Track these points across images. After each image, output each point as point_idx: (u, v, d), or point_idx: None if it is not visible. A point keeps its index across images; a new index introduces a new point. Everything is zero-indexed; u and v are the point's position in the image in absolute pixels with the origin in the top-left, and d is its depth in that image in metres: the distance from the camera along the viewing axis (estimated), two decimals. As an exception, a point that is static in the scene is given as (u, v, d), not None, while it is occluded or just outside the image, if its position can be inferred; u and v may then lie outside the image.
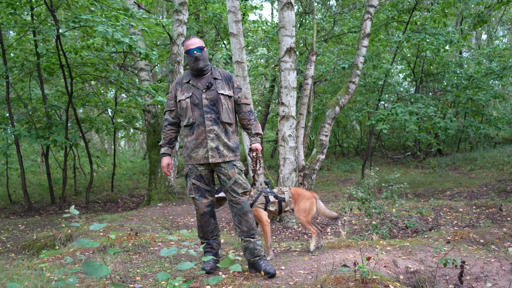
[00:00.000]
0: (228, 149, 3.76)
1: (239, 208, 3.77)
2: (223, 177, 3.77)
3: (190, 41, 3.78)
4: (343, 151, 21.44)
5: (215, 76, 3.82)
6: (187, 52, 3.77)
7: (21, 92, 11.76)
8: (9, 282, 3.06)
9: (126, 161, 20.35)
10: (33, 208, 9.67)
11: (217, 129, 3.72)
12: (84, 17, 7.62)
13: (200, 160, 3.74)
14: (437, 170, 13.63)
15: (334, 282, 3.36)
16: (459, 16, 18.00)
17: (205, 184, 3.83)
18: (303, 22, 15.38)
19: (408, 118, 10.20)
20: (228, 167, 3.76)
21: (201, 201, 3.83)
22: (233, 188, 3.75)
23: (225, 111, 3.75)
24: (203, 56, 3.76)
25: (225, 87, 3.81)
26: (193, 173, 3.80)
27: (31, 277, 3.76)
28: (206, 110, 3.71)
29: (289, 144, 7.01)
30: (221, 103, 3.74)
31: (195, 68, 3.77)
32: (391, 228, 6.06)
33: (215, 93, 3.75)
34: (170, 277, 1.81)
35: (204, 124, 3.70)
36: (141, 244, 4.92)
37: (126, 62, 13.15)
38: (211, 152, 3.70)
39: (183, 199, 9.96)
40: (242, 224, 3.78)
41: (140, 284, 3.54)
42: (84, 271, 1.59)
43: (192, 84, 3.79)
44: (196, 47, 3.74)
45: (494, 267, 3.92)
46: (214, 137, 3.71)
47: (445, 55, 15.69)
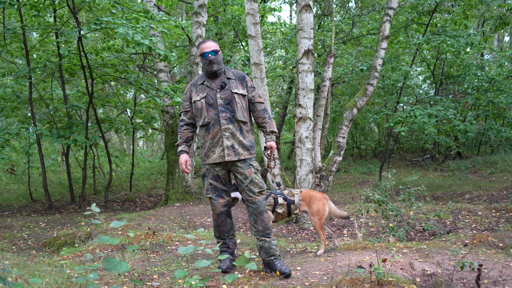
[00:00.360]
0: (243, 147, 3.80)
1: (254, 208, 3.81)
2: (239, 176, 3.81)
3: (205, 44, 3.87)
4: (361, 153, 21.31)
5: (228, 76, 3.89)
6: (202, 55, 3.85)
7: (43, 92, 12.00)
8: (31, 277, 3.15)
9: (144, 161, 20.58)
10: (54, 206, 9.86)
11: (232, 128, 3.77)
12: (105, 19, 7.76)
13: (217, 159, 3.78)
14: (456, 173, 13.46)
15: (350, 284, 3.36)
16: (481, 18, 17.74)
17: (222, 184, 3.88)
18: (321, 24, 15.36)
19: (427, 121, 10.11)
20: (245, 167, 3.80)
21: (218, 201, 3.88)
22: (249, 187, 3.79)
23: (239, 110, 3.80)
24: (217, 59, 3.83)
25: (239, 86, 3.87)
26: (210, 173, 3.86)
27: (52, 273, 3.85)
28: (221, 109, 3.77)
29: (306, 145, 7.02)
30: (235, 102, 3.80)
31: (209, 70, 3.84)
32: (408, 231, 6.02)
33: (229, 93, 3.81)
34: (187, 274, 1.85)
35: (220, 123, 3.76)
36: (159, 243, 4.99)
37: (145, 63, 13.32)
38: (227, 150, 3.75)
39: (200, 199, 10.04)
40: (258, 224, 3.82)
41: (157, 282, 3.59)
42: (104, 267, 1.64)
43: (207, 85, 3.86)
44: (211, 50, 3.82)
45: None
46: (230, 136, 3.76)
47: (466, 58, 15.47)
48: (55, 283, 3.40)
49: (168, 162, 10.23)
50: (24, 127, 9.47)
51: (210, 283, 3.51)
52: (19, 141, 13.67)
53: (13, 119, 12.68)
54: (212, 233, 5.79)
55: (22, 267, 4.19)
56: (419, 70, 19.62)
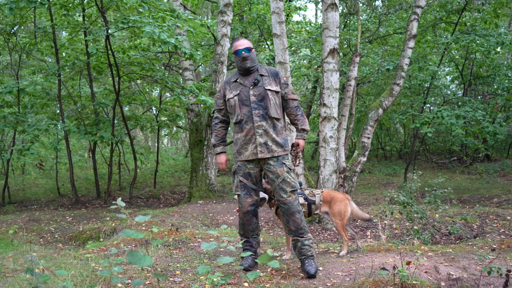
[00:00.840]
0: (276, 144, 3.78)
1: (286, 208, 3.79)
2: (271, 175, 3.78)
3: (239, 42, 3.88)
4: (386, 154, 21.04)
5: (261, 73, 3.87)
6: (235, 52, 3.86)
7: (71, 90, 12.26)
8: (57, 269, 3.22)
9: (169, 159, 20.81)
10: (80, 201, 10.07)
11: (266, 125, 3.76)
12: (132, 18, 7.87)
13: (249, 156, 3.78)
14: (484, 176, 13.14)
15: (372, 285, 3.32)
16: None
17: (252, 182, 3.85)
18: (347, 23, 15.22)
19: (455, 122, 9.89)
20: (277, 165, 3.77)
21: (246, 200, 3.85)
22: (281, 186, 3.76)
23: (273, 107, 3.79)
24: (251, 56, 3.84)
25: (272, 83, 3.85)
26: (241, 170, 3.84)
27: (77, 266, 3.93)
28: (254, 106, 3.76)
29: (330, 145, 6.97)
30: (268, 98, 3.78)
31: (243, 67, 3.84)
32: (433, 234, 5.91)
33: (262, 89, 3.80)
34: (210, 270, 1.86)
35: (253, 120, 3.75)
36: (182, 240, 5.03)
37: (171, 61, 13.45)
38: (260, 147, 3.74)
39: (223, 197, 10.09)
40: (290, 224, 3.80)
41: (179, 278, 3.63)
42: (129, 260, 1.66)
43: (240, 82, 3.87)
44: (244, 48, 3.83)
45: (543, 278, 3.75)
46: (263, 133, 3.75)
47: (496, 57, 15.09)
48: (80, 276, 3.47)
49: (192, 160, 10.31)
50: (53, 124, 9.69)
51: (232, 280, 3.52)
52: (47, 137, 14.03)
53: (43, 116, 13.01)
54: (235, 231, 5.81)
55: (49, 259, 4.30)
56: (447, 70, 19.25)
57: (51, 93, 10.27)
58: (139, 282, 1.93)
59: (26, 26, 12.84)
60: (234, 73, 4.00)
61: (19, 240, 5.92)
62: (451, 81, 20.02)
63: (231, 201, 9.42)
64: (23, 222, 7.46)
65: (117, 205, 1.83)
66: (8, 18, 10.51)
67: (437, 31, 15.29)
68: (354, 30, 13.70)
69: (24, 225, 7.18)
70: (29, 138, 8.92)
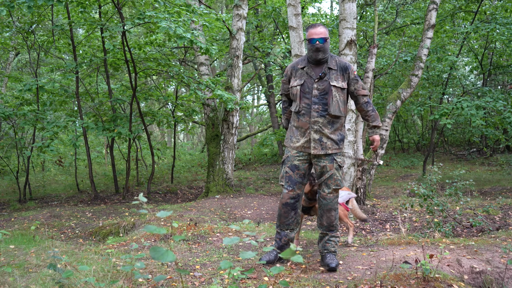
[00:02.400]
0: (332, 142, 3.67)
1: (324, 204, 3.74)
2: (319, 169, 3.70)
3: (315, 29, 3.66)
4: (403, 146, 20.81)
5: (330, 66, 3.69)
6: (309, 40, 3.65)
7: (89, 87, 12.37)
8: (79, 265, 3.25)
9: (185, 154, 20.91)
10: (99, 197, 10.18)
11: (323, 121, 3.63)
12: (148, 14, 7.88)
13: (299, 148, 3.70)
14: (505, 167, 12.90)
15: (394, 279, 3.28)
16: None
17: (298, 176, 3.74)
18: (363, 14, 15.03)
19: (475, 113, 9.72)
20: (328, 161, 3.67)
21: (287, 191, 3.74)
22: (326, 182, 3.69)
23: (335, 104, 3.63)
24: (325, 47, 3.64)
25: (339, 78, 3.68)
26: (289, 161, 3.74)
27: (98, 261, 3.97)
28: (315, 100, 3.62)
29: (348, 138, 6.91)
30: (331, 95, 3.62)
31: (314, 58, 3.67)
32: (454, 226, 5.83)
33: (327, 84, 3.64)
34: (232, 265, 1.85)
35: (310, 114, 3.63)
36: (200, 234, 5.04)
37: (186, 57, 13.48)
38: (313, 143, 3.64)
39: (240, 191, 10.10)
40: (323, 219, 3.76)
41: (199, 273, 3.63)
42: (152, 255, 1.66)
43: (306, 72, 3.71)
44: (320, 37, 3.62)
45: None
46: (318, 129, 3.63)
47: (517, 46, 14.76)
48: (101, 271, 3.50)
49: (209, 155, 10.33)
50: (71, 120, 9.80)
51: (252, 274, 3.51)
52: (66, 134, 14.21)
53: (61, 113, 13.17)
54: (253, 225, 5.81)
55: (71, 255, 4.35)
56: (466, 60, 18.91)
57: (69, 90, 10.38)
58: (161, 278, 1.94)
59: (44, 25, 12.97)
60: (302, 57, 3.84)
61: (41, 236, 6.01)
62: (470, 71, 19.66)
63: (248, 196, 9.43)
64: (44, 218, 7.57)
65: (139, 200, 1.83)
66: (26, 17, 10.64)
67: (456, 20, 15.01)
68: (371, 21, 13.52)
69: (45, 221, 7.29)
70: (48, 135, 9.03)
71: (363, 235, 5.93)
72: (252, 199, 8.89)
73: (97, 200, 9.95)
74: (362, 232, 6.18)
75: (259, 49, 14.43)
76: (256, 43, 14.12)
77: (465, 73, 19.69)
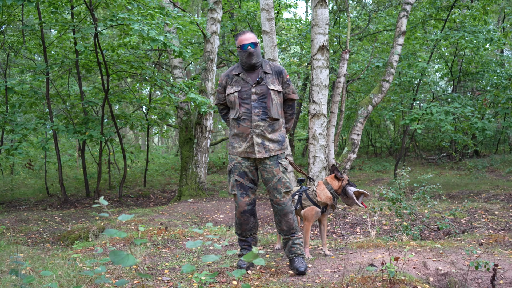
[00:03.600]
0: (274, 143, 3.70)
1: (279, 209, 3.74)
2: (266, 175, 3.72)
3: (245, 36, 3.70)
4: (376, 150, 21.13)
5: (265, 70, 3.73)
6: (240, 47, 3.69)
7: (60, 89, 12.15)
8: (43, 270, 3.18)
9: (159, 157, 20.72)
10: (69, 201, 9.99)
11: (264, 125, 3.66)
12: (121, 16, 7.80)
13: (243, 153, 3.70)
14: (473, 172, 13.25)
15: (361, 282, 3.33)
16: (501, 14, 17.40)
17: (249, 181, 3.76)
18: (337, 20, 15.24)
19: (444, 118, 9.96)
20: (273, 165, 3.70)
21: (242, 199, 3.75)
22: (276, 187, 3.70)
23: (274, 107, 3.68)
24: (257, 51, 3.68)
25: (275, 81, 3.73)
26: (237, 169, 3.74)
27: (65, 266, 3.90)
28: (255, 105, 3.65)
29: (319, 142, 6.98)
30: (270, 98, 3.67)
31: (248, 63, 3.69)
32: (422, 229, 5.95)
33: (265, 88, 3.67)
34: (194, 269, 1.84)
35: (251, 119, 3.65)
36: (171, 238, 5.01)
37: (160, 59, 13.38)
38: (257, 147, 3.65)
39: (213, 195, 10.07)
40: (282, 224, 3.76)
41: (168, 277, 3.60)
42: (112, 260, 1.64)
43: (242, 78, 3.73)
44: (251, 43, 3.66)
45: (530, 272, 3.79)
46: (260, 133, 3.65)
47: (485, 54, 15.19)
48: (67, 276, 3.43)
49: (182, 158, 10.27)
50: (41, 123, 9.59)
51: (220, 278, 3.51)
52: (36, 137, 13.90)
53: (31, 115, 12.88)
54: (224, 229, 5.80)
55: (36, 260, 4.25)
56: (436, 67, 19.36)
57: (39, 92, 10.16)
58: (123, 282, 1.91)
59: (14, 24, 12.69)
60: (236, 65, 3.85)
61: (6, 241, 5.85)
62: (441, 77, 20.14)
63: (221, 199, 9.41)
64: (10, 222, 7.38)
65: (100, 203, 1.81)
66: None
67: (427, 28, 15.38)
68: (344, 27, 13.71)
69: (11, 226, 7.10)
70: (18, 138, 8.82)
71: (333, 238, 5.99)
72: (225, 202, 8.87)
73: (67, 204, 9.76)
74: (333, 236, 6.24)
75: (234, 53, 14.45)
76: (231, 46, 14.13)
77: (435, 79, 20.17)
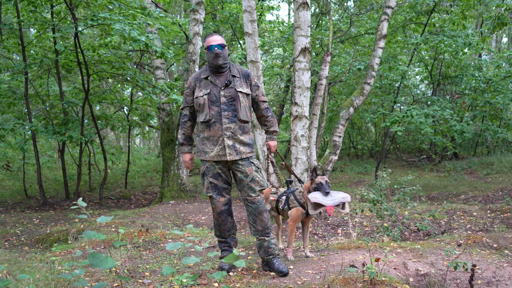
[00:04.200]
0: (244, 145, 3.73)
1: (254, 208, 3.74)
2: (239, 174, 3.74)
3: (212, 37, 3.77)
4: (357, 152, 21.33)
5: (233, 74, 3.78)
6: (207, 48, 3.74)
7: (39, 89, 11.95)
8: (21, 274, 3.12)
9: (141, 159, 20.54)
10: (48, 203, 9.82)
11: (234, 127, 3.69)
12: (102, 15, 7.72)
13: (215, 157, 3.70)
14: (452, 173, 13.47)
15: (342, 283, 3.34)
16: (479, 19, 17.76)
17: (223, 182, 3.79)
18: (319, 23, 15.33)
19: (424, 121, 10.10)
20: (246, 165, 3.73)
21: (219, 200, 3.78)
22: (250, 185, 3.72)
23: (243, 109, 3.72)
24: (223, 53, 3.73)
25: (243, 84, 3.78)
26: (210, 171, 3.76)
27: (43, 269, 3.82)
28: (224, 107, 3.67)
29: (301, 144, 7.00)
30: (239, 101, 3.71)
31: (214, 64, 3.73)
32: (402, 231, 6.01)
33: (234, 91, 3.71)
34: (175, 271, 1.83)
35: (221, 121, 3.66)
36: (152, 240, 4.96)
37: (142, 60, 13.28)
38: (228, 149, 3.67)
39: (195, 197, 10.02)
40: (257, 223, 3.76)
41: (148, 280, 3.57)
42: (90, 262, 1.61)
43: (211, 81, 3.75)
44: (218, 44, 3.72)
45: (507, 272, 3.86)
46: (231, 135, 3.68)
47: (464, 58, 15.48)
48: (45, 280, 3.37)
49: (164, 160, 10.20)
50: (20, 123, 9.41)
51: (202, 280, 3.49)
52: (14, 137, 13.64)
53: (9, 115, 12.64)
54: (206, 230, 5.77)
55: (13, 263, 4.17)
56: (416, 70, 19.65)
57: (18, 92, 9.98)
58: (101, 285, 1.88)
59: (-9, 23, 12.43)
60: (204, 68, 3.86)
61: (-17, 244, 5.73)
62: (421, 81, 20.46)
63: (203, 201, 9.36)
64: (-13, 225, 7.23)
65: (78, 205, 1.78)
66: (-28, 15, 10.17)
67: (407, 31, 15.59)
68: (326, 30, 13.81)
69: (-12, 228, 6.95)
70: (-5, 138, 8.65)
71: (315, 239, 6.01)
72: (207, 204, 8.83)
73: (46, 206, 9.59)
74: (315, 237, 6.26)
75: (216, 54, 14.37)
76: (213, 48, 14.05)
77: (415, 82, 20.47)
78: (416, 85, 19.73)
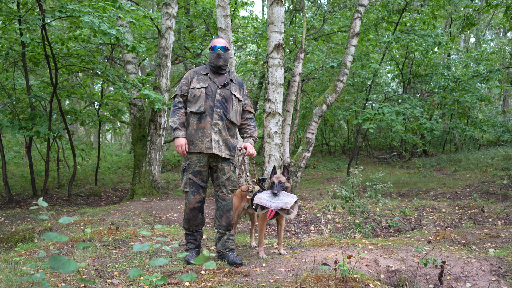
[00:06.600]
0: (226, 147, 3.95)
1: (224, 204, 3.99)
2: (218, 172, 3.97)
3: (217, 39, 4.04)
4: (330, 149, 21.50)
5: (231, 78, 4.07)
6: (211, 48, 3.99)
7: (5, 82, 11.55)
8: (-18, 275, 2.98)
9: (112, 155, 20.17)
10: (14, 200, 9.52)
11: (222, 125, 3.92)
12: (70, 7, 7.49)
13: (203, 149, 3.87)
14: (422, 170, 13.73)
15: (315, 280, 3.33)
16: (448, 19, 18.13)
17: (201, 180, 3.96)
18: (293, 20, 15.35)
19: (395, 118, 10.24)
20: (225, 164, 3.99)
21: (194, 197, 3.95)
22: (225, 183, 3.98)
23: (233, 111, 3.98)
24: (225, 56, 3.99)
25: (237, 90, 4.06)
26: (191, 168, 3.94)
27: (6, 270, 3.67)
28: (217, 104, 3.91)
29: (274, 141, 6.98)
30: (232, 103, 3.97)
31: (215, 64, 3.97)
32: (374, 227, 6.07)
33: (229, 93, 3.98)
34: (142, 273, 1.76)
35: (212, 116, 3.89)
36: (122, 239, 4.85)
37: (113, 54, 13.00)
38: (214, 143, 3.87)
39: (167, 194, 9.88)
40: (223, 219, 4.01)
41: (117, 280, 3.47)
42: (51, 266, 1.53)
43: (210, 78, 3.99)
44: (222, 46, 3.98)
45: (474, 267, 3.93)
46: (218, 131, 3.90)
47: (433, 57, 15.78)
48: (7, 281, 3.23)
49: (135, 156, 10.02)
50: (-17, 118, 9.09)
51: (173, 280, 3.42)
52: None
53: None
54: (174, 228, 5.70)
55: (-25, 264, 3.99)
56: (388, 69, 19.93)
57: (-19, 85, 9.62)
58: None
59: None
60: (205, 66, 4.09)
61: None
62: (392, 79, 20.79)
63: (175, 198, 9.25)
64: None
65: (38, 205, 1.69)
66: None
67: (379, 30, 15.77)
68: (300, 27, 13.83)
69: (-51, 227, 6.67)
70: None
71: (288, 236, 6.01)
72: (179, 201, 8.72)
73: (12, 203, 9.29)
74: (287, 234, 6.26)
75: (189, 49, 14.25)
76: (186, 43, 13.93)
77: (387, 80, 20.76)
78: (387, 83, 20.02)
